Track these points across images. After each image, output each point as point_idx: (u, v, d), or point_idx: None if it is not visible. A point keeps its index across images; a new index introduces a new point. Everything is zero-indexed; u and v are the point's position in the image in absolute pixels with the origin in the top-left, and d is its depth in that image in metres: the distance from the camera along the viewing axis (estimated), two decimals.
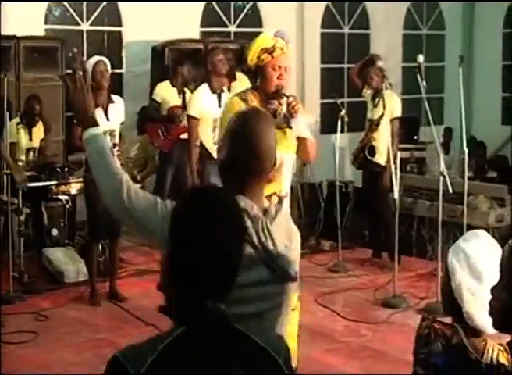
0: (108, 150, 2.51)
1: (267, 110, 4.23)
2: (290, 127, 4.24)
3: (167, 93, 7.99)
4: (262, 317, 2.30)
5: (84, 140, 2.52)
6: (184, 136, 7.56)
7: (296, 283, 2.43)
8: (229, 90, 7.15)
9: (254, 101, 4.23)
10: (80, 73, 2.63)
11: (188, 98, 7.62)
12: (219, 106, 6.71)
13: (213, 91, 6.90)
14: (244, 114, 2.57)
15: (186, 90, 7.98)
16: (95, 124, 2.55)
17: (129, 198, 2.38)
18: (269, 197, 4.10)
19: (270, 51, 4.21)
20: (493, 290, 2.04)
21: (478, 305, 2.31)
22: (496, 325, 2.06)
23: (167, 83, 8.05)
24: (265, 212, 2.37)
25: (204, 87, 6.93)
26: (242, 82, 7.21)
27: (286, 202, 4.12)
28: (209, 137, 6.71)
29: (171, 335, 1.74)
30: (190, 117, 6.92)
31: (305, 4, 10.62)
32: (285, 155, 4.24)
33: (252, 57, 4.25)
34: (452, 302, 2.38)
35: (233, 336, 1.79)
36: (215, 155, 6.66)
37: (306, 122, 4.28)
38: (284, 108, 4.23)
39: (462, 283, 2.35)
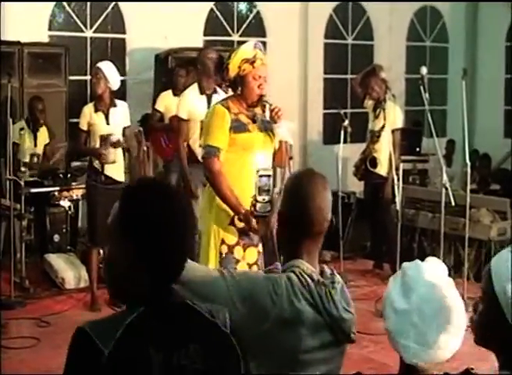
0: None
1: (247, 116, 4.46)
2: (273, 132, 4.49)
3: (169, 102, 7.99)
4: None
5: None
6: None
7: None
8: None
9: (235, 108, 4.45)
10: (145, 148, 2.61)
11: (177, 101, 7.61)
12: (208, 108, 6.41)
13: (202, 91, 6.72)
14: (301, 175, 2.55)
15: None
16: None
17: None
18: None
19: (251, 61, 4.45)
20: (475, 304, 2.02)
21: (398, 323, 2.12)
22: (477, 340, 2.02)
23: (169, 92, 8.05)
24: (321, 274, 2.38)
25: (194, 87, 6.83)
26: None
27: None
28: (196, 139, 6.53)
29: (132, 314, 1.84)
30: (178, 118, 6.80)
31: (309, 13, 10.64)
32: (268, 155, 4.52)
33: (233, 67, 4.45)
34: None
35: (187, 313, 1.93)
36: (199, 157, 6.68)
37: (287, 127, 4.53)
38: (267, 115, 4.45)
39: (388, 297, 2.16)
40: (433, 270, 2.16)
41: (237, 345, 1.97)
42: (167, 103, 7.99)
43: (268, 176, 4.43)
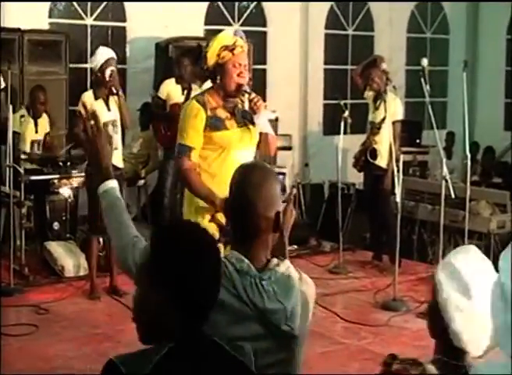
0: (120, 205, 2.53)
1: (225, 108, 4.29)
2: (253, 124, 4.30)
3: (171, 90, 8.03)
4: (264, 372, 2.25)
5: (99, 193, 2.55)
6: None
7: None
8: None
9: (212, 102, 4.25)
10: (92, 122, 2.63)
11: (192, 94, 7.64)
12: None
13: None
14: (242, 167, 2.51)
15: (193, 86, 7.98)
16: (110, 177, 2.55)
17: (134, 260, 2.37)
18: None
19: (231, 48, 4.21)
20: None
21: (465, 323, 2.18)
22: None
23: (172, 80, 8.09)
24: (264, 267, 2.32)
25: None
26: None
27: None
28: None
29: (161, 351, 1.85)
30: None
31: (309, 4, 10.61)
32: (249, 151, 4.35)
33: (212, 54, 4.23)
34: (437, 321, 2.25)
35: (215, 351, 1.94)
36: None
37: (268, 117, 4.33)
38: (246, 105, 4.28)
39: (449, 300, 2.20)
40: (479, 259, 2.26)
41: None
42: (169, 91, 8.03)
43: (283, 174, 4.31)
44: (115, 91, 6.49)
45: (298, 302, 2.33)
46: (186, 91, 7.99)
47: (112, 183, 2.54)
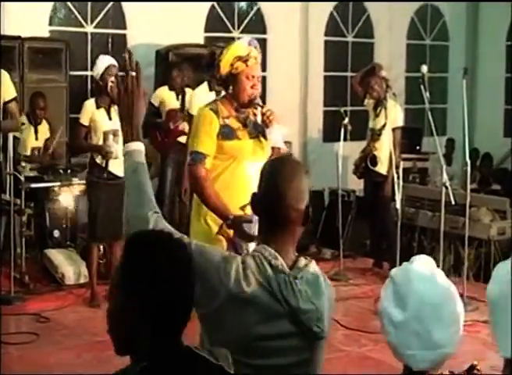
0: (143, 171, 2.37)
1: (237, 118, 4.25)
2: (265, 137, 4.25)
3: (165, 96, 8.05)
4: (289, 371, 2.27)
5: (124, 152, 2.42)
6: (182, 139, 7.65)
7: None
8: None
9: (225, 112, 4.21)
10: (133, 73, 2.41)
11: (188, 97, 7.66)
12: None
13: (211, 89, 6.85)
14: (273, 161, 2.51)
15: (186, 91, 8.01)
16: (137, 138, 2.40)
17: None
18: (244, 207, 4.06)
19: (244, 59, 4.17)
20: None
21: (400, 337, 2.10)
22: None
23: (165, 87, 8.13)
24: (293, 265, 2.31)
25: (204, 85, 6.92)
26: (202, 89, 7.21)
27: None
28: None
29: (134, 370, 1.83)
30: (191, 116, 6.86)
31: (309, 11, 10.63)
32: (261, 163, 4.28)
33: (225, 64, 4.19)
34: None
35: (192, 361, 1.89)
36: None
37: (280, 132, 4.27)
38: (259, 118, 4.23)
39: (384, 310, 2.13)
40: (420, 270, 2.12)
41: None
42: (163, 97, 8.07)
43: None
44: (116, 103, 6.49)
45: (326, 304, 2.33)
46: (180, 96, 8.03)
47: (137, 146, 2.39)
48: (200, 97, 6.80)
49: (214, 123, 4.17)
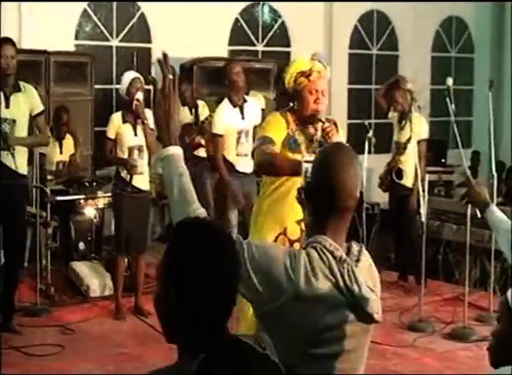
0: (187, 175, 2.36)
1: (303, 133, 4.32)
2: None
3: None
4: (347, 357, 2.28)
5: (160, 157, 2.38)
6: (198, 152, 7.75)
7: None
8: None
9: (293, 124, 4.30)
10: (171, 76, 2.37)
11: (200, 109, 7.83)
12: (242, 118, 6.89)
13: (234, 104, 6.94)
14: (328, 149, 2.50)
15: (198, 103, 8.06)
16: (175, 143, 2.38)
17: None
18: (300, 221, 4.05)
19: (307, 74, 4.25)
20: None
21: None
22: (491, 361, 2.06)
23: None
24: (348, 252, 2.31)
25: (225, 102, 6.97)
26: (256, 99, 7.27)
27: None
28: (232, 149, 6.87)
29: (192, 363, 1.79)
30: (214, 135, 6.98)
31: (333, 23, 10.65)
32: None
33: (289, 80, 4.29)
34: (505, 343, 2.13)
35: (242, 351, 1.86)
36: (237, 167, 6.84)
37: None
38: (319, 134, 4.27)
39: None
40: None
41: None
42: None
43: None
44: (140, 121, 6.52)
45: (379, 290, 2.38)
46: (194, 110, 8.08)
47: (176, 150, 2.37)
48: (226, 116, 6.86)
49: (282, 128, 4.29)
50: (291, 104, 4.43)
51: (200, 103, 8.06)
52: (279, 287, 2.20)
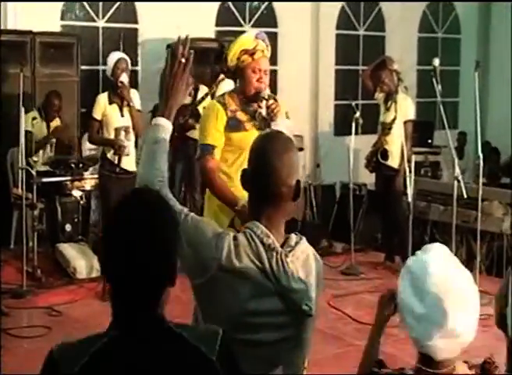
0: (164, 145, 2.48)
1: (245, 111, 4.28)
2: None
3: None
4: (275, 347, 2.29)
5: (151, 124, 2.54)
6: (191, 134, 7.67)
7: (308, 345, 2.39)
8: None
9: (233, 104, 4.25)
10: (183, 60, 2.51)
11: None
12: None
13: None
14: (262, 137, 2.51)
15: (199, 86, 8.01)
16: (167, 116, 2.53)
17: None
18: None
19: (251, 52, 4.20)
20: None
21: (421, 328, 2.11)
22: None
23: None
24: (284, 243, 2.32)
25: (228, 82, 6.94)
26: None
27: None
28: None
29: (102, 339, 1.81)
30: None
31: (321, 5, 10.61)
32: None
33: (232, 58, 4.23)
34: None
35: (166, 338, 1.84)
36: None
37: (284, 125, 4.23)
38: (264, 111, 4.23)
39: (405, 304, 2.16)
40: (438, 259, 2.15)
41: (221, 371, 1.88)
42: None
43: None
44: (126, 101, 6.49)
45: (315, 283, 2.35)
46: (193, 92, 8.02)
47: (166, 123, 2.52)
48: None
49: (220, 115, 4.21)
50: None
51: (202, 86, 8.00)
52: (205, 263, 2.25)
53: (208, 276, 2.24)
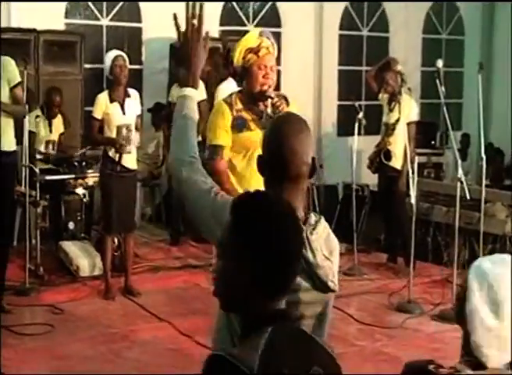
0: (192, 117, 2.48)
1: (251, 110, 4.28)
2: None
3: (177, 93, 8.04)
4: (302, 324, 2.30)
5: (178, 96, 2.53)
6: None
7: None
8: None
9: (239, 104, 4.25)
10: (194, 21, 2.49)
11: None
12: None
13: (239, 85, 6.92)
14: (278, 118, 2.52)
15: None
16: (192, 85, 2.52)
17: (188, 177, 2.37)
18: None
19: (255, 50, 4.20)
20: None
21: (488, 340, 2.11)
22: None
23: (176, 84, 8.13)
24: (305, 221, 2.34)
25: (230, 81, 6.95)
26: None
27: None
28: None
29: (262, 335, 1.80)
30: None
31: (324, 5, 10.61)
32: None
33: (238, 58, 4.24)
34: (463, 325, 2.19)
35: (302, 334, 1.91)
36: None
37: None
38: (270, 110, 4.24)
39: (476, 311, 2.12)
40: None
41: None
42: (175, 94, 8.05)
43: None
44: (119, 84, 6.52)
45: (338, 259, 2.40)
46: None
47: (191, 92, 2.52)
48: (226, 93, 6.83)
49: (226, 115, 4.22)
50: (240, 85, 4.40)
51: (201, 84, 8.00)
52: None
53: None
